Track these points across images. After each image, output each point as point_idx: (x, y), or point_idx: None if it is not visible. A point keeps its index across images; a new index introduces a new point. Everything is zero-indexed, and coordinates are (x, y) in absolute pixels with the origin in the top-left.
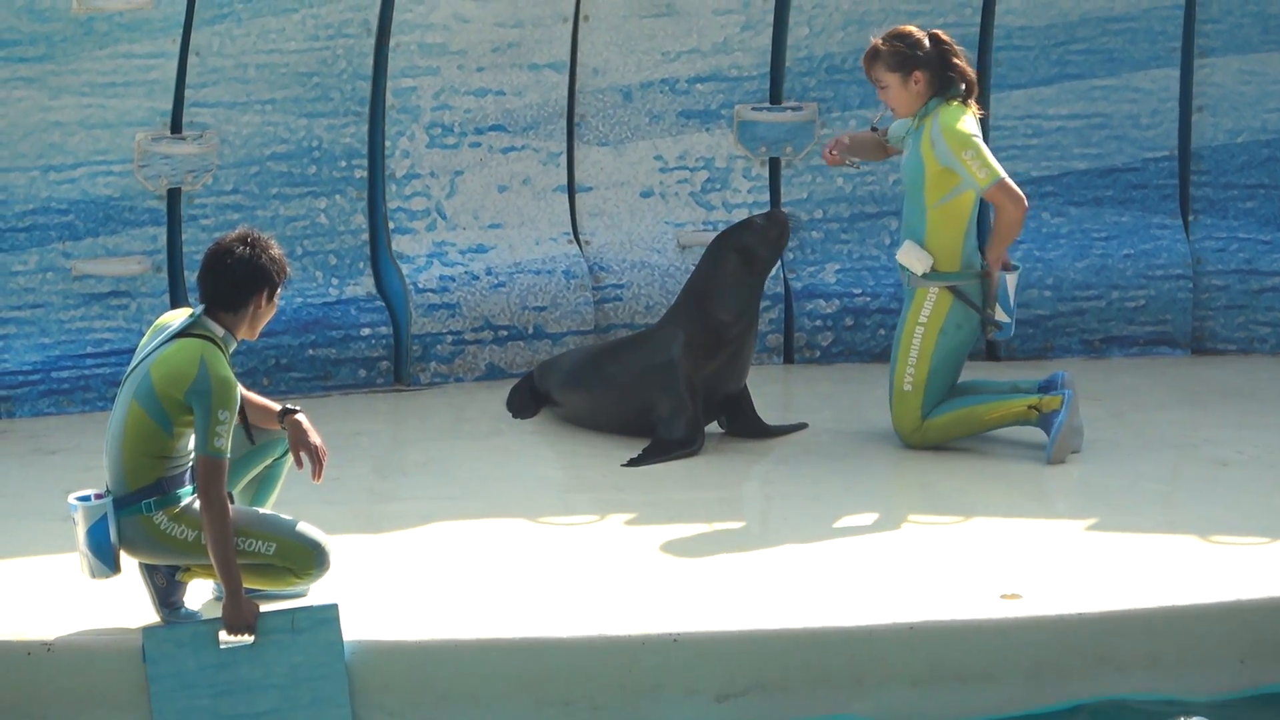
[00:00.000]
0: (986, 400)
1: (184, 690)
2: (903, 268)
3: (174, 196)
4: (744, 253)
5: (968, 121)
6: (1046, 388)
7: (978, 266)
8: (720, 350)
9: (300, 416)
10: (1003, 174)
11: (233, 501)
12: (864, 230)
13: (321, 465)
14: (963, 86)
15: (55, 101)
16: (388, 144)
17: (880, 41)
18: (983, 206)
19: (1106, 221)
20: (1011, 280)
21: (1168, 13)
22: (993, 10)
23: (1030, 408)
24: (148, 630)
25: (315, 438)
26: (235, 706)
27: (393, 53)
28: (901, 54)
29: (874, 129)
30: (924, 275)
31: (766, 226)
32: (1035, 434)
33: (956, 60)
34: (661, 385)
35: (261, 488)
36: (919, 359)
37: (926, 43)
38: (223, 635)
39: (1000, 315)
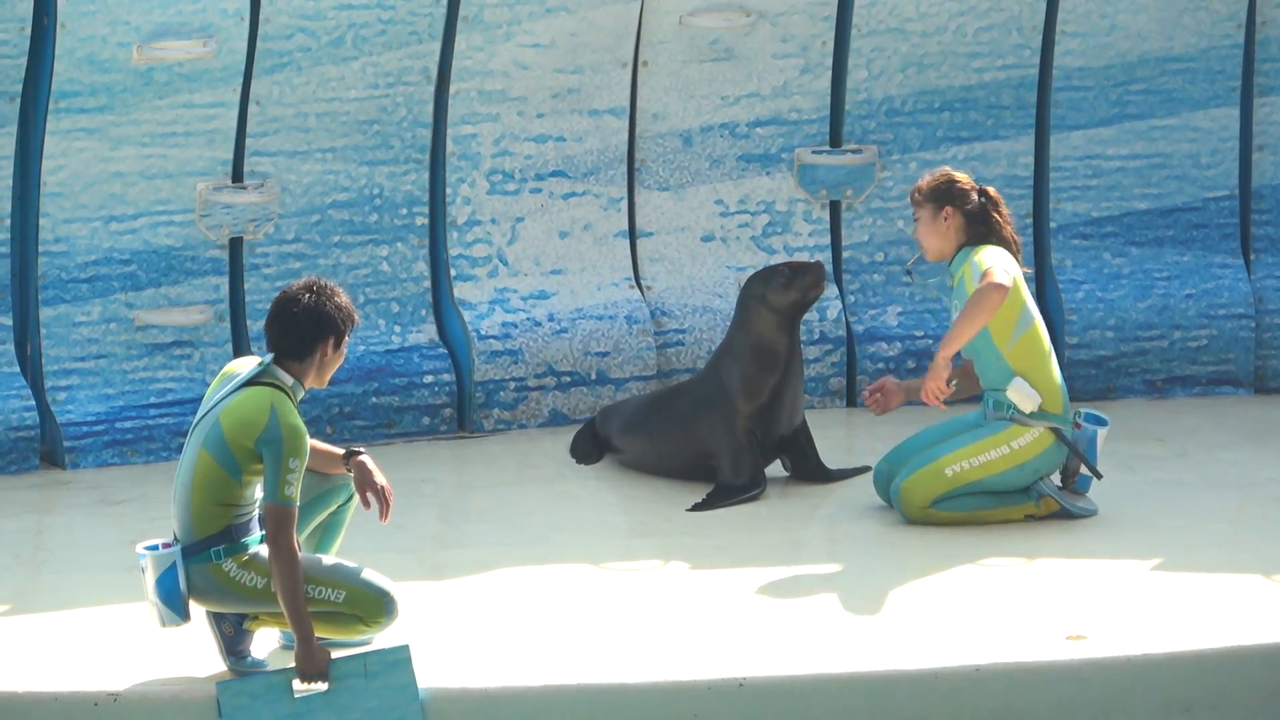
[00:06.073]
0: (989, 507)
1: None
2: (1005, 404)
3: (236, 246)
4: (762, 302)
5: (996, 252)
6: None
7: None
8: (764, 394)
9: (365, 458)
10: (997, 273)
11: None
12: (925, 272)
13: (388, 505)
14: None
15: (116, 152)
16: (448, 191)
17: (927, 175)
18: (1053, 337)
19: (1168, 261)
20: (1102, 434)
21: (1227, 52)
22: (1051, 51)
23: (1027, 516)
24: (221, 685)
25: (381, 478)
26: None
27: (453, 100)
28: (939, 189)
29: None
30: (1031, 414)
31: (792, 276)
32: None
33: (997, 215)
34: (716, 429)
35: (325, 535)
36: (983, 466)
37: (974, 193)
38: (296, 684)
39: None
